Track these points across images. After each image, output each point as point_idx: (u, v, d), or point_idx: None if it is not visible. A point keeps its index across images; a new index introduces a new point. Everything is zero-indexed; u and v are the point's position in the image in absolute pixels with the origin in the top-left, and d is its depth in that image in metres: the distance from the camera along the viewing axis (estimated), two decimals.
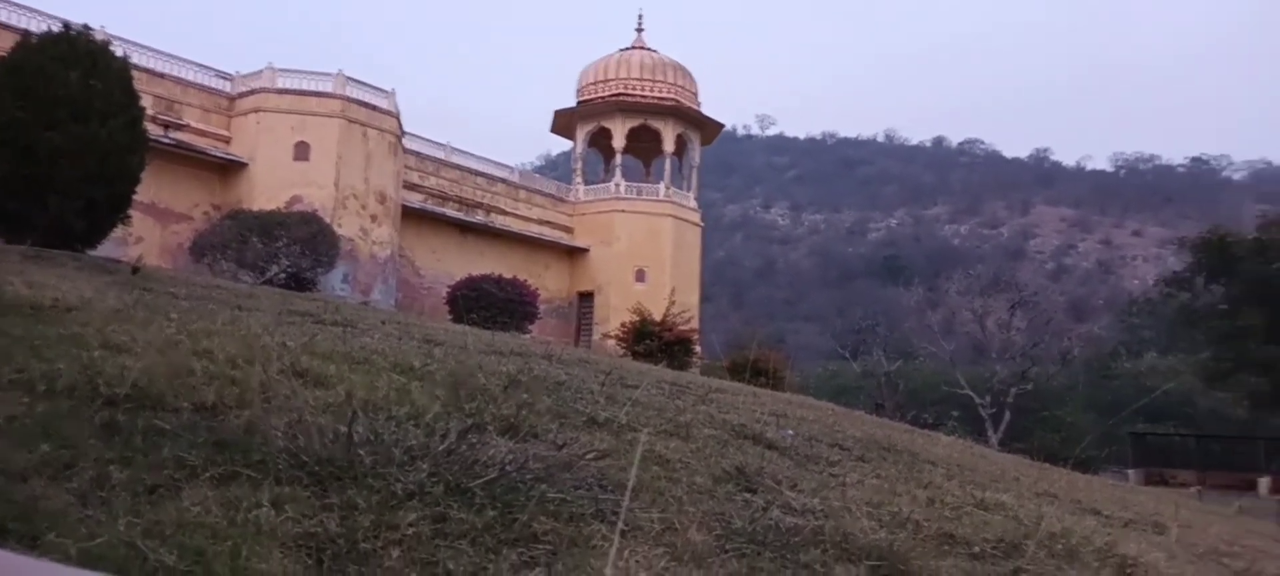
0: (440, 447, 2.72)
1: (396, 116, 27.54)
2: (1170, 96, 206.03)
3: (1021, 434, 36.94)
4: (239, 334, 4.52)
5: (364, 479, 2.43)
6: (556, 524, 2.42)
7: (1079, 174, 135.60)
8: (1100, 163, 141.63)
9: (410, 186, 29.90)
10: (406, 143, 29.59)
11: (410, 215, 29.22)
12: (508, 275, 25.04)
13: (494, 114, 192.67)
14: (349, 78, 26.33)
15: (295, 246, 20.77)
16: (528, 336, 17.88)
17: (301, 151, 25.32)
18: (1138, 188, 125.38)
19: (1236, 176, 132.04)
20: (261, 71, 25.88)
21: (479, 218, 32.60)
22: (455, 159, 32.86)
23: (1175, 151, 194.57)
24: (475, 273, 24.94)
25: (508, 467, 2.68)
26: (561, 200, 36.37)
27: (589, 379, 5.87)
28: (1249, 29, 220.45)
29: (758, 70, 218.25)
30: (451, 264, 29.44)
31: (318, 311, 8.06)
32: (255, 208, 22.88)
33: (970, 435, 22.85)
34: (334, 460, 2.49)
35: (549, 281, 33.42)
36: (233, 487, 2.30)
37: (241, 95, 25.78)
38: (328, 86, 25.96)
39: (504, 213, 33.64)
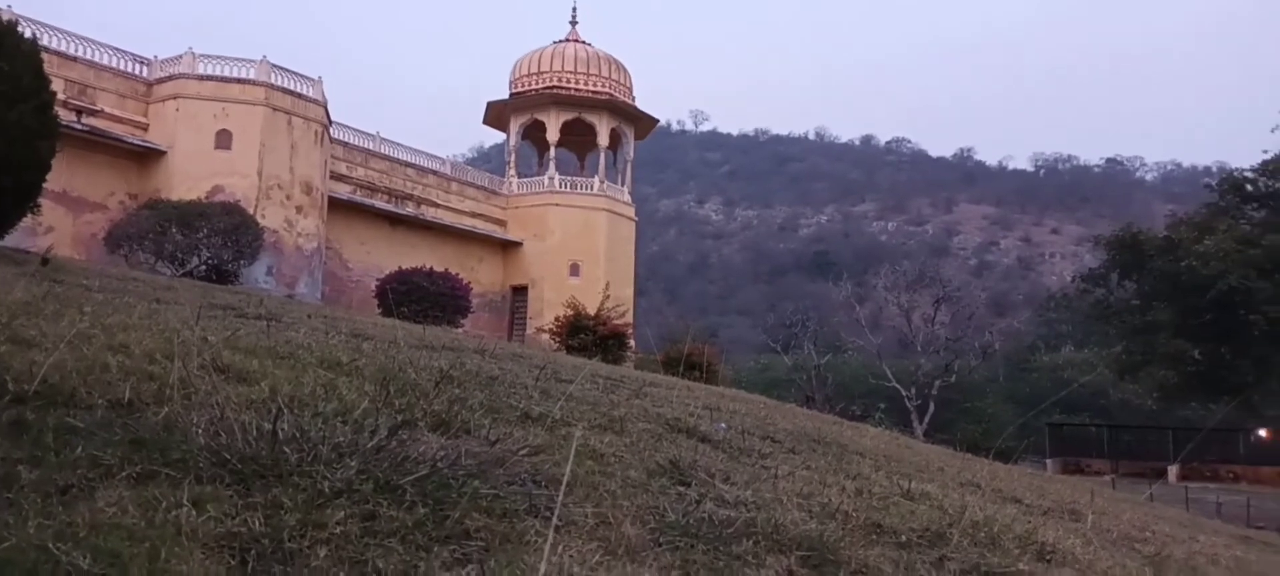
0: (369, 444, 2.66)
1: (323, 105, 26.92)
2: (1088, 99, 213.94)
3: (945, 425, 38.07)
4: (157, 328, 4.37)
5: (289, 477, 2.36)
6: (489, 520, 2.39)
7: (1001, 173, 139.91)
8: (1021, 162, 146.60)
9: (338, 177, 29.29)
10: (334, 132, 28.98)
11: (338, 206, 28.62)
12: (439, 268, 24.72)
13: (426, 104, 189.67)
14: (273, 65, 25.63)
15: (216, 237, 20.22)
16: (460, 331, 17.68)
17: (223, 140, 24.59)
18: (1056, 187, 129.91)
19: (1148, 177, 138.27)
20: (181, 57, 25.03)
21: (409, 210, 32.11)
22: (384, 149, 32.29)
23: (1092, 153, 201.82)
24: (406, 266, 24.57)
25: (439, 464, 2.64)
26: (495, 193, 36.04)
27: (523, 374, 5.83)
28: (1163, 39, 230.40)
29: (691, 66, 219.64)
30: (381, 257, 28.95)
31: (240, 305, 7.84)
32: (174, 197, 22.17)
33: (897, 427, 23.36)
34: (258, 458, 2.42)
35: (482, 275, 33.10)
36: (151, 487, 2.21)
37: (160, 81, 24.90)
38: (251, 73, 25.24)
39: (435, 205, 33.18)
